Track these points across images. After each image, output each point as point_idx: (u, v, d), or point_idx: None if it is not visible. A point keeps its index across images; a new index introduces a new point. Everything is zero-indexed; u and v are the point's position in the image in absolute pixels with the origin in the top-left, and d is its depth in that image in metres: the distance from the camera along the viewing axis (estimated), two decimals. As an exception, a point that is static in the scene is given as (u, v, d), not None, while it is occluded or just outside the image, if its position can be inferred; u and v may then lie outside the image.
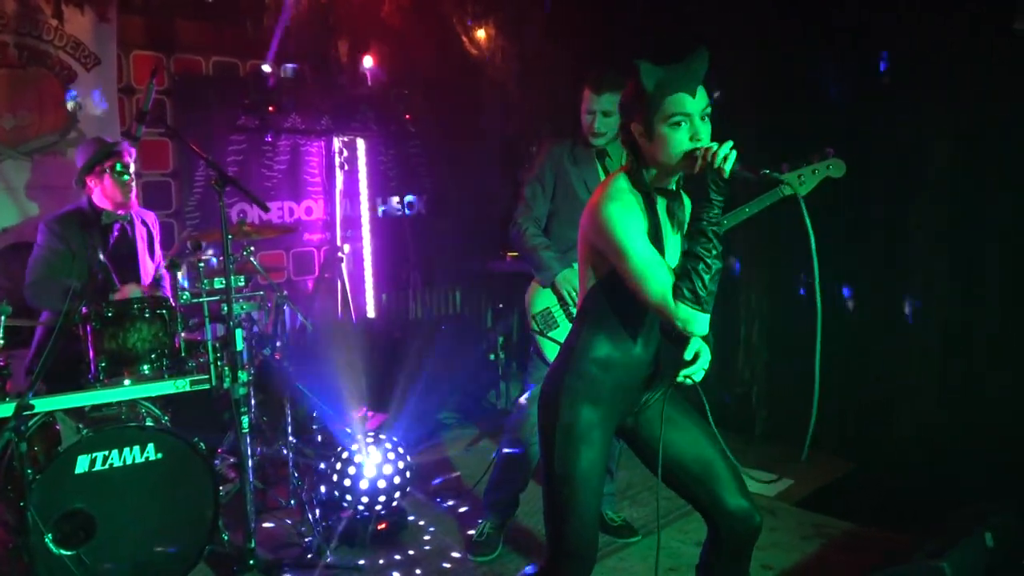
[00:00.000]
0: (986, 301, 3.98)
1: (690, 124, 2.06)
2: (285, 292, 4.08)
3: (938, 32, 3.94)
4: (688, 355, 2.35)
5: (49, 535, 2.90)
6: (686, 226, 2.24)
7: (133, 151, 3.84)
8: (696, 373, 2.36)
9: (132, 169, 3.78)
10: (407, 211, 6.17)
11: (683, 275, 2.03)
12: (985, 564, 2.70)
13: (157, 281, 4.04)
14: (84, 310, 3.28)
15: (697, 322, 2.03)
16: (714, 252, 2.03)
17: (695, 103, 2.05)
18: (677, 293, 2.02)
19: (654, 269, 2.05)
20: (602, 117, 3.30)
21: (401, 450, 3.74)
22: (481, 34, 5.58)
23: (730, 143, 2.01)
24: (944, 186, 4.08)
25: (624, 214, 2.08)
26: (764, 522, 3.66)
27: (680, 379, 2.34)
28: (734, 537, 2.33)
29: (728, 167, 1.99)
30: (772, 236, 4.58)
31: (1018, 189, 3.80)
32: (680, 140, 2.06)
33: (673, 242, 2.23)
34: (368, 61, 5.63)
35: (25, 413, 2.80)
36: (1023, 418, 3.74)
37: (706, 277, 2.01)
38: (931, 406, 4.21)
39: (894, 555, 3.22)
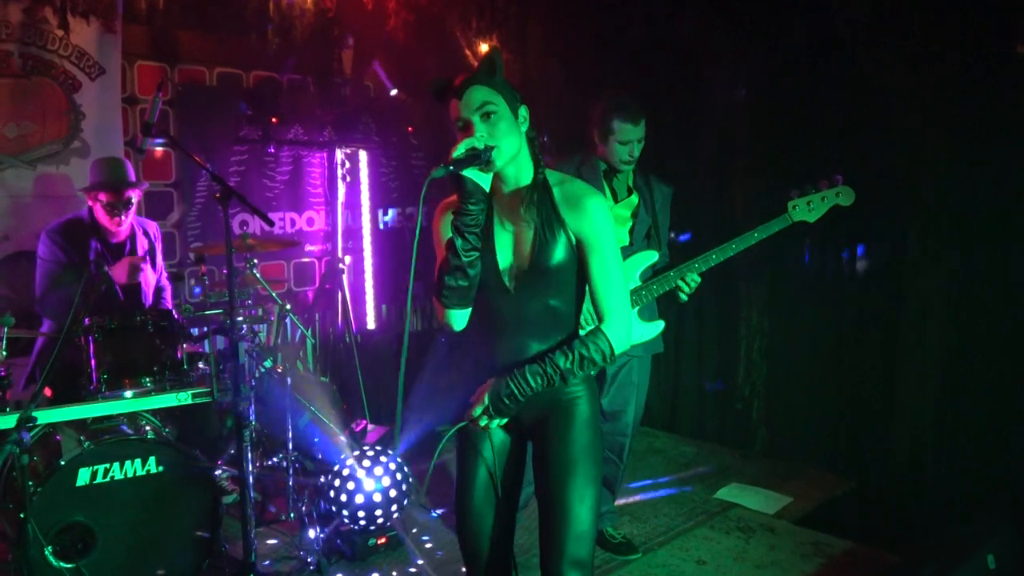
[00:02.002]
0: (983, 321, 3.99)
1: (467, 127, 2.13)
2: (288, 305, 4.08)
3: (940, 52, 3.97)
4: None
5: (49, 548, 2.90)
6: (531, 217, 2.23)
7: (138, 193, 3.85)
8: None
9: (131, 208, 3.79)
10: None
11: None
12: (986, 586, 2.71)
13: (159, 292, 4.05)
14: (87, 321, 3.29)
15: (447, 316, 2.23)
16: (462, 248, 2.16)
17: (466, 107, 2.12)
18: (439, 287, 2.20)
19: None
20: (637, 144, 3.31)
21: (400, 463, 3.74)
22: (484, 48, 5.60)
23: (464, 146, 2.07)
24: (943, 208, 4.09)
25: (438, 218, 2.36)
26: (763, 539, 3.67)
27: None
28: None
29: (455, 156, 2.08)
30: (772, 255, 4.59)
31: (1017, 211, 3.81)
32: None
33: (503, 238, 2.27)
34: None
35: (27, 425, 2.80)
36: (1022, 437, 3.75)
37: (446, 274, 2.16)
38: (930, 425, 4.21)
39: (894, 575, 3.22)
